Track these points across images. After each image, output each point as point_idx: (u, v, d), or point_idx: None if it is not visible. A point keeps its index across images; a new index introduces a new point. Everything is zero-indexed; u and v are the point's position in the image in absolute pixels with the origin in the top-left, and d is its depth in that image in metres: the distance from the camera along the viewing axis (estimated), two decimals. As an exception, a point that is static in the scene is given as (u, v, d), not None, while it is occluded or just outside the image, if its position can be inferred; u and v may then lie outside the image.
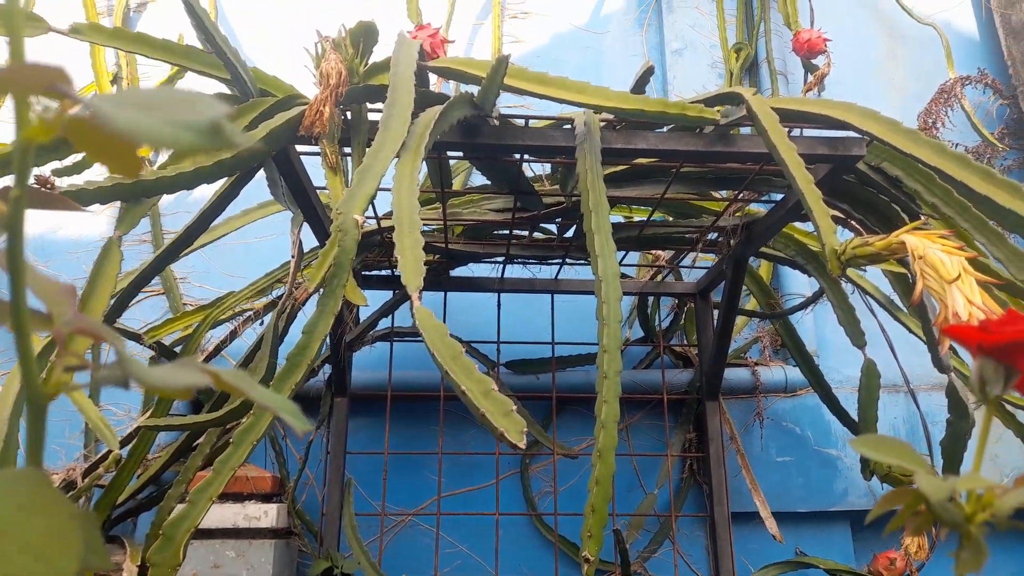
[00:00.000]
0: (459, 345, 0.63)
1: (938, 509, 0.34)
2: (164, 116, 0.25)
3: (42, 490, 0.24)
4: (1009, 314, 0.34)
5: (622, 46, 2.29)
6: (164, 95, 0.27)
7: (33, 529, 0.23)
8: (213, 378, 0.30)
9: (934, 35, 2.29)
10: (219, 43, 0.92)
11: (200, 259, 2.00)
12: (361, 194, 0.73)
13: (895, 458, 0.35)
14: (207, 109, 0.26)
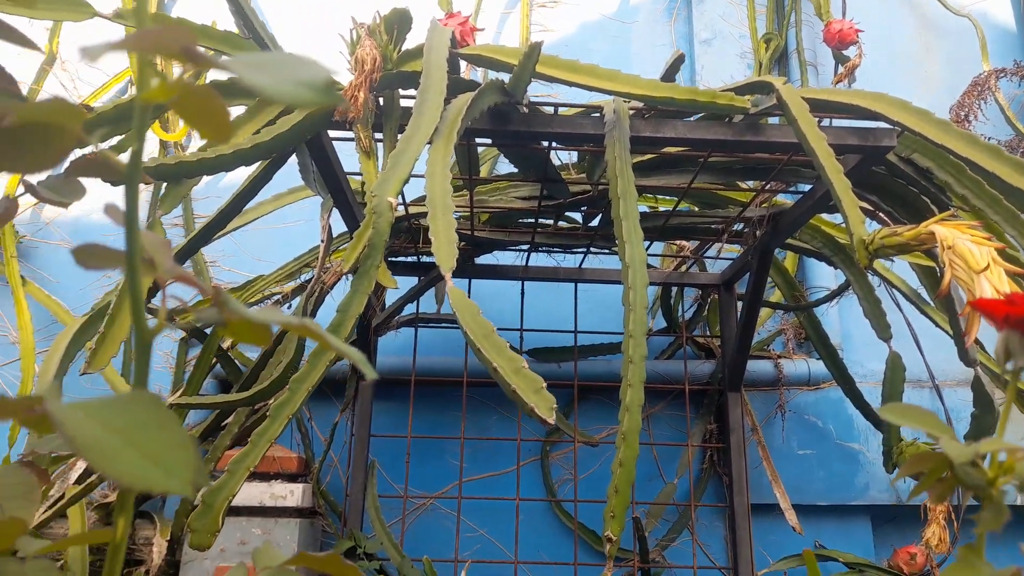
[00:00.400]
0: (491, 324, 0.64)
1: (961, 472, 0.35)
2: (287, 75, 0.27)
3: (160, 410, 0.27)
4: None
5: (650, 36, 2.28)
6: (275, 57, 0.29)
7: (153, 441, 0.25)
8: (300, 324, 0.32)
9: (969, 26, 2.25)
10: (257, 29, 0.94)
11: (230, 243, 2.03)
12: (395, 177, 0.74)
13: (921, 425, 0.36)
14: (319, 70, 0.28)
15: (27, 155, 0.30)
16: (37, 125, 0.29)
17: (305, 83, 0.27)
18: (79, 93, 2.11)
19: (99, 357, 0.82)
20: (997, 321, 0.36)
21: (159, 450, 0.25)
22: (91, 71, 2.14)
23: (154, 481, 0.24)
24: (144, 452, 0.25)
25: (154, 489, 0.24)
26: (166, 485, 0.24)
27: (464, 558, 1.76)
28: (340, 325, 0.79)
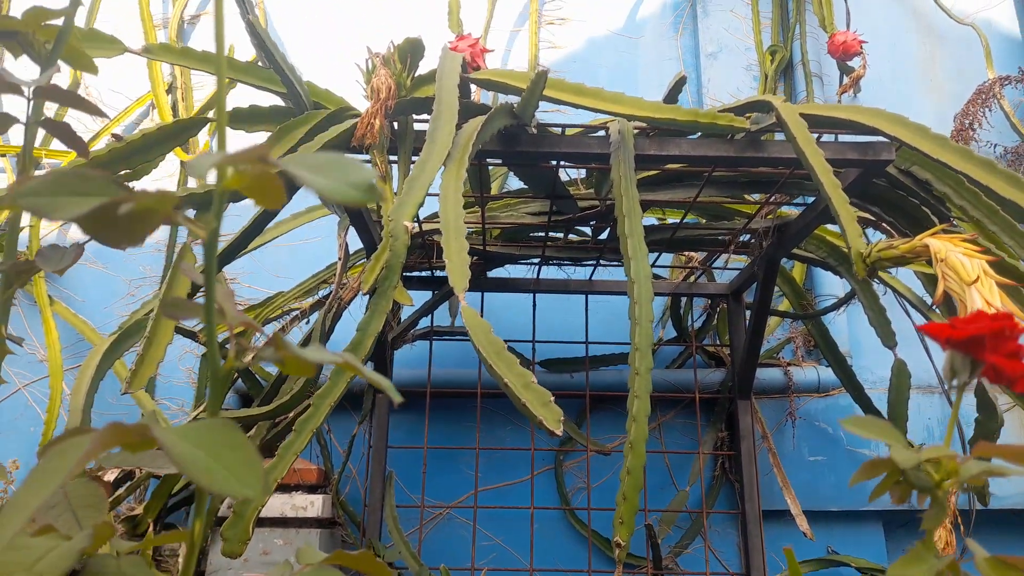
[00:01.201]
0: (502, 341, 0.68)
1: (912, 476, 0.38)
2: (335, 176, 0.32)
3: (235, 433, 0.32)
4: (976, 314, 0.38)
5: (657, 50, 2.32)
6: (327, 160, 0.34)
7: (232, 459, 0.30)
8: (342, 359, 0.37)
9: (974, 35, 2.28)
10: (278, 61, 0.99)
11: (249, 260, 2.09)
12: (410, 202, 0.79)
13: (878, 435, 0.40)
14: (363, 172, 0.33)
15: (128, 232, 0.35)
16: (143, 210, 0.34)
17: (352, 184, 0.32)
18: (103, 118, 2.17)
19: (139, 377, 0.87)
20: (940, 343, 0.40)
21: (236, 465, 0.30)
22: (114, 96, 2.20)
23: (234, 488, 0.29)
24: (225, 466, 0.29)
25: (235, 495, 0.29)
26: (243, 491, 0.30)
27: (480, 566, 1.79)
28: (360, 344, 0.84)
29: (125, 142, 1.04)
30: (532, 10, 2.24)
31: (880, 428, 0.41)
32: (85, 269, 2.10)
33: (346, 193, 0.33)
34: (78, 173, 0.35)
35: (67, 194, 0.33)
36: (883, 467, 0.40)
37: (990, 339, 0.38)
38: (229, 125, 1.16)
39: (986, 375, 0.40)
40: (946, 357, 0.40)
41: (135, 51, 0.96)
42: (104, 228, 0.34)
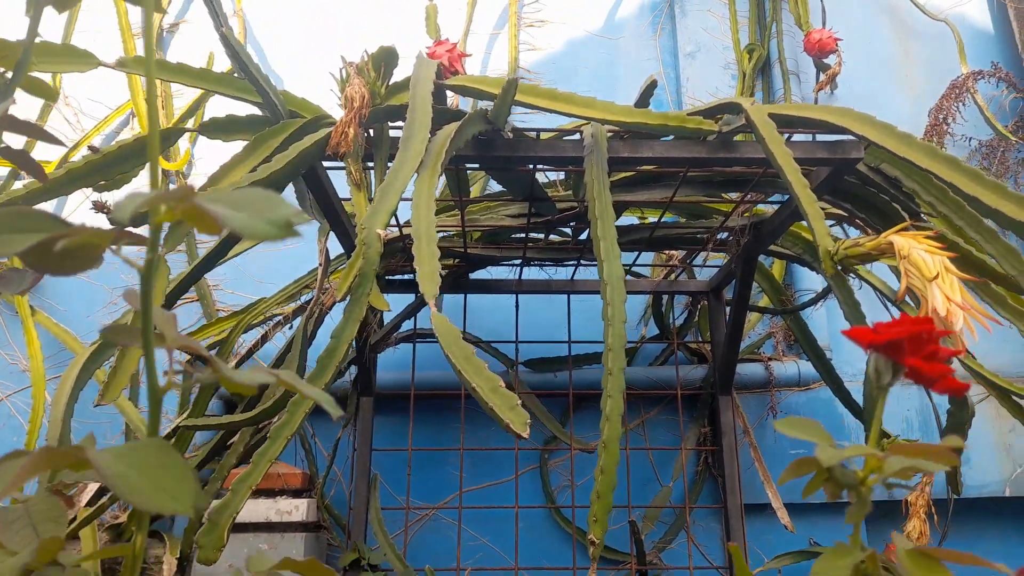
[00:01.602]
0: (471, 347, 0.69)
1: (837, 474, 0.40)
2: (254, 214, 0.33)
3: (171, 454, 0.33)
4: (901, 318, 0.40)
5: (636, 51, 2.34)
6: (248, 196, 0.35)
7: (165, 477, 0.31)
8: (276, 378, 0.38)
9: (948, 31, 2.31)
10: (251, 71, 1.00)
11: (232, 267, 2.09)
12: (383, 210, 0.80)
13: (806, 435, 0.42)
14: (282, 209, 0.34)
15: (69, 264, 0.36)
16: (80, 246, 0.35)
17: (268, 221, 0.34)
18: (82, 127, 2.17)
19: (111, 390, 0.88)
20: (863, 347, 0.41)
21: (168, 482, 0.31)
22: (94, 105, 2.20)
23: (164, 505, 0.31)
24: (156, 484, 0.31)
25: (164, 511, 0.31)
26: (173, 508, 0.31)
27: (466, 566, 1.80)
28: (334, 351, 0.85)
29: (102, 154, 1.05)
30: (511, 13, 2.25)
31: (808, 428, 0.43)
32: (67, 280, 2.09)
33: (264, 230, 0.34)
34: (17, 211, 0.36)
35: (7, 231, 0.35)
36: (810, 465, 0.42)
37: (908, 343, 0.39)
38: (207, 135, 1.17)
39: (908, 376, 0.41)
40: (870, 360, 0.42)
41: (109, 65, 0.97)
42: (44, 262, 0.36)
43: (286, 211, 0.35)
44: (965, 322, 0.75)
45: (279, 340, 1.81)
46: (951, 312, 0.74)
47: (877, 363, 0.42)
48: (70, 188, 1.02)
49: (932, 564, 0.41)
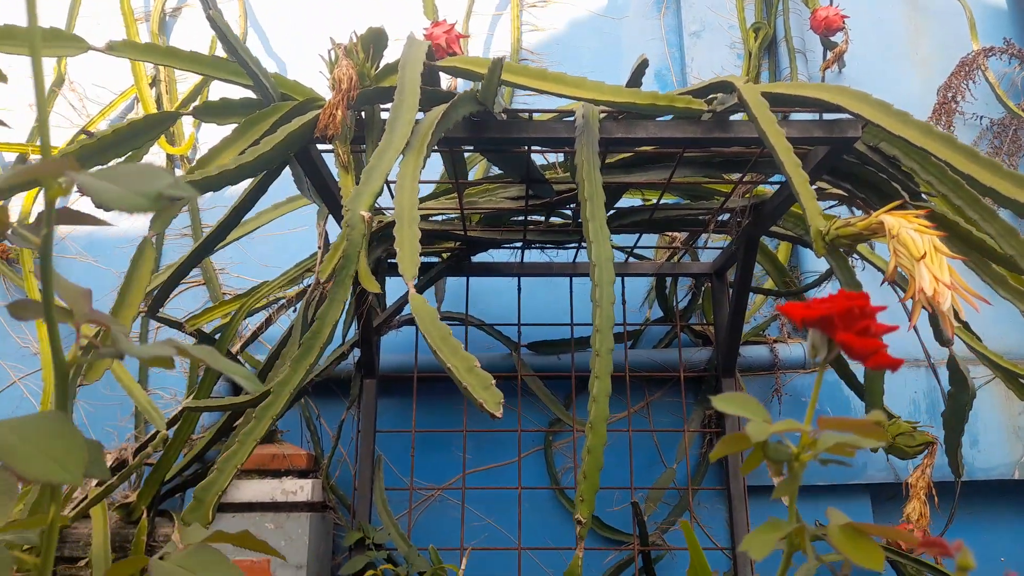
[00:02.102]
0: (447, 328, 0.70)
1: (771, 450, 0.40)
2: (128, 187, 0.34)
3: (64, 425, 0.34)
4: (839, 295, 0.40)
5: (640, 30, 2.31)
6: (128, 170, 0.36)
7: (56, 447, 0.32)
8: (180, 351, 0.38)
9: (959, 7, 2.26)
10: (240, 53, 1.00)
11: (238, 251, 2.11)
12: (367, 192, 0.80)
13: (741, 411, 0.41)
14: (156, 182, 0.35)
15: None
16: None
17: (139, 193, 0.34)
18: (87, 112, 2.18)
19: (94, 370, 0.89)
20: (796, 323, 0.41)
21: (58, 453, 0.32)
22: (99, 91, 2.21)
23: (55, 475, 0.32)
24: (49, 455, 0.32)
25: (55, 481, 0.32)
26: (63, 478, 0.32)
27: (471, 546, 1.82)
28: (318, 332, 0.85)
29: (96, 138, 1.06)
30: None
31: (741, 403, 0.43)
32: (76, 263, 2.12)
33: (132, 201, 0.34)
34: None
35: None
36: (741, 441, 0.42)
37: (840, 318, 0.39)
38: (201, 118, 1.17)
39: (843, 352, 0.41)
40: (809, 336, 0.42)
41: (99, 48, 0.97)
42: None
43: (159, 184, 0.35)
44: (953, 302, 0.74)
45: (284, 323, 1.82)
46: (938, 292, 0.73)
47: (814, 339, 0.41)
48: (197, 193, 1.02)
49: (862, 539, 0.41)
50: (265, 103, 1.09)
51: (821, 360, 0.42)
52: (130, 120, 1.08)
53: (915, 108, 2.12)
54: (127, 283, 0.93)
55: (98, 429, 2.01)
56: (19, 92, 2.24)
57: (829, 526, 0.42)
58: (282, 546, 1.63)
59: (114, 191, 0.34)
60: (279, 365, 1.53)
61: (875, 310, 0.40)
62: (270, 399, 0.88)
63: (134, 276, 0.93)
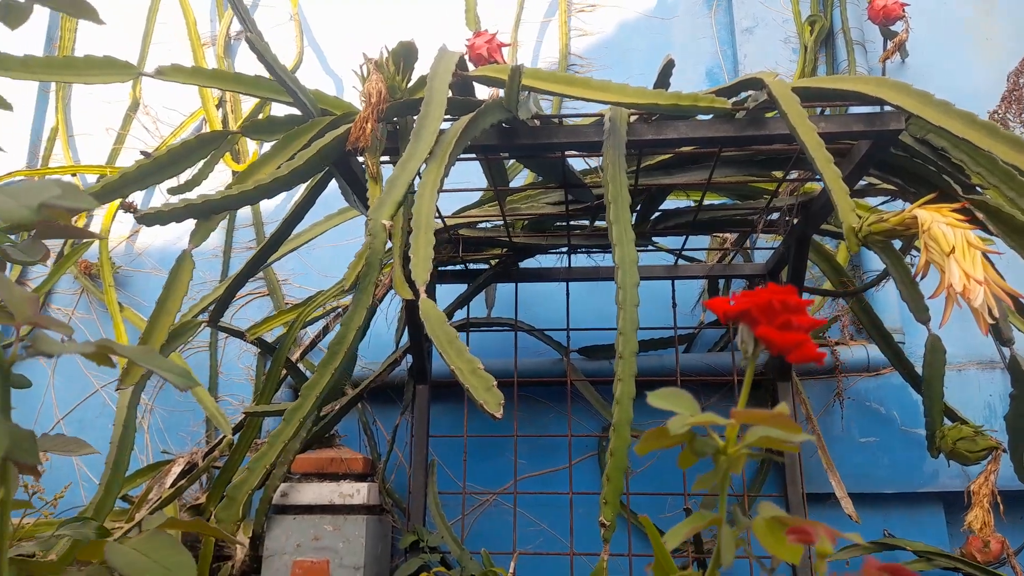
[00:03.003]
0: (454, 331, 0.71)
1: (696, 443, 0.39)
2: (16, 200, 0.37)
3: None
4: (767, 288, 0.38)
5: (691, 29, 2.28)
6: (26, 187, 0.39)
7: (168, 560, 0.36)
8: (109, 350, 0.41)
9: (1034, -14, 2.14)
10: (279, 73, 1.05)
11: (299, 262, 2.19)
12: (389, 200, 0.83)
13: (675, 406, 0.41)
14: (41, 195, 0.38)
15: None
16: None
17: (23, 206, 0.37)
18: (160, 134, 2.32)
19: (131, 375, 0.95)
20: (720, 317, 0.40)
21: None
22: (170, 113, 2.35)
23: None
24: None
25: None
26: None
27: (524, 551, 1.83)
28: (344, 337, 0.88)
29: (153, 158, 1.12)
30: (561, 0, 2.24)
31: (673, 399, 0.42)
32: (152, 277, 2.25)
33: (17, 214, 0.37)
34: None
35: None
36: (663, 436, 0.41)
37: (759, 312, 0.38)
38: (249, 136, 1.23)
39: (765, 346, 0.40)
40: (740, 329, 0.41)
41: (149, 74, 1.04)
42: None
43: (42, 197, 0.38)
44: (986, 297, 0.71)
45: (339, 331, 1.88)
46: (968, 288, 0.70)
47: (742, 333, 0.41)
48: (125, 191, 1.09)
49: (781, 530, 0.40)
50: (306, 119, 1.14)
51: (750, 354, 0.41)
52: (183, 141, 1.15)
53: (985, 96, 2.03)
54: (166, 292, 0.99)
55: (173, 434, 2.12)
56: (99, 116, 2.39)
57: (756, 518, 0.41)
58: (340, 547, 1.68)
59: (7, 204, 0.38)
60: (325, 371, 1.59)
61: (800, 304, 0.39)
62: (298, 402, 0.92)
63: (172, 285, 0.99)
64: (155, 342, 0.92)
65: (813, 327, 0.39)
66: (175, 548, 0.44)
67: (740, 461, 0.41)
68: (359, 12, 2.45)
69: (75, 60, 1.00)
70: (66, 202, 0.39)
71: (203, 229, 0.97)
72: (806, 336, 0.38)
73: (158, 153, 1.13)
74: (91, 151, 2.37)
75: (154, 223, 0.90)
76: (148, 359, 0.43)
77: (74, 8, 0.57)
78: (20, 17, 0.53)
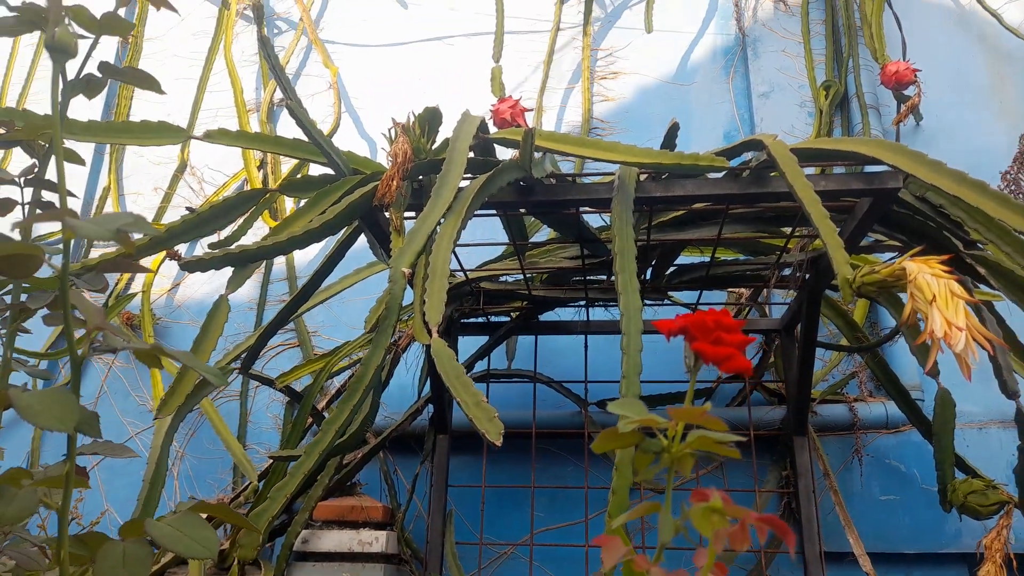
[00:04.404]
0: (461, 367, 0.77)
1: (644, 444, 0.43)
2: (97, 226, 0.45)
3: (68, 397, 0.44)
4: (706, 312, 0.43)
5: (709, 94, 2.38)
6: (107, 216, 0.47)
7: (57, 408, 0.42)
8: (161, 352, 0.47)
9: (1046, 53, 2.20)
10: (315, 136, 1.14)
11: (329, 315, 2.28)
12: (409, 251, 0.90)
13: (630, 412, 0.45)
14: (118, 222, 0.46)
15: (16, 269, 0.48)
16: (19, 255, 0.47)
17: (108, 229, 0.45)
18: (204, 193, 2.46)
19: (167, 406, 1.02)
20: (665, 335, 0.45)
21: (58, 412, 0.42)
22: (214, 174, 2.49)
23: (52, 424, 0.42)
24: (51, 413, 0.42)
25: (52, 428, 0.41)
26: (59, 427, 0.42)
27: (542, 604, 1.83)
28: (363, 376, 0.94)
29: (196, 214, 1.22)
30: (584, 68, 2.36)
31: (628, 405, 0.47)
32: (190, 328, 2.34)
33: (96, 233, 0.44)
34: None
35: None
36: (616, 437, 0.46)
37: (696, 329, 0.43)
38: (286, 194, 1.33)
39: (700, 358, 0.45)
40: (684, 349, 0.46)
41: (198, 137, 1.14)
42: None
43: (118, 224, 0.45)
44: (968, 344, 0.75)
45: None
46: (949, 335, 0.74)
47: (686, 349, 0.46)
48: (170, 244, 1.18)
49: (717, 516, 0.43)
50: (338, 178, 1.23)
51: (693, 367, 0.46)
52: (225, 198, 1.24)
53: (999, 158, 2.07)
54: (202, 334, 1.06)
55: (201, 481, 2.18)
56: (149, 177, 2.54)
57: (692, 508, 0.45)
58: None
59: (92, 228, 0.45)
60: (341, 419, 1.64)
61: (732, 324, 0.44)
62: (318, 437, 0.98)
63: (209, 327, 1.06)
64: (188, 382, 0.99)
65: (743, 344, 0.44)
66: (203, 526, 0.50)
67: (685, 460, 0.46)
68: (395, 80, 2.59)
69: (132, 125, 1.10)
70: (135, 228, 0.46)
71: (239, 277, 1.05)
72: (735, 351, 0.43)
73: (201, 209, 1.23)
74: (139, 208, 2.51)
75: (195, 270, 0.99)
76: (191, 361, 0.49)
77: (141, 81, 0.66)
78: (96, 89, 0.62)
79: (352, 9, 2.74)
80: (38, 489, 0.48)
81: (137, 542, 0.52)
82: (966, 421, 1.92)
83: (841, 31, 2.29)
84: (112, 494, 2.15)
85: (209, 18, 2.75)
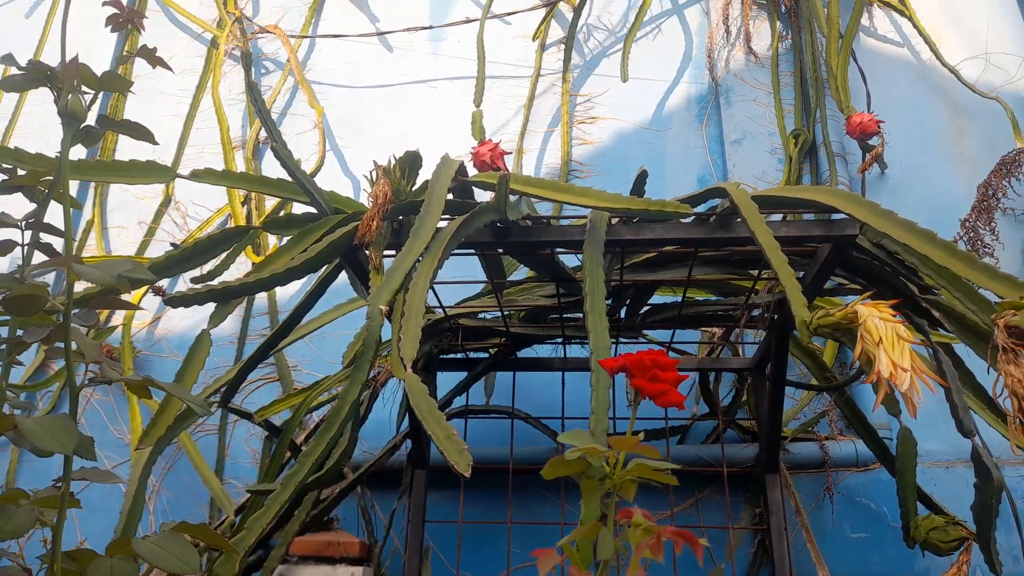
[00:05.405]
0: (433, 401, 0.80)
1: (591, 470, 0.47)
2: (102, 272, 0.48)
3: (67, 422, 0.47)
4: (645, 353, 0.48)
5: (683, 140, 2.46)
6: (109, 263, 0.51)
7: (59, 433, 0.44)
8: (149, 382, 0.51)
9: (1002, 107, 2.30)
10: (299, 176, 1.18)
11: (309, 349, 2.30)
12: (387, 289, 0.93)
13: (575, 441, 0.49)
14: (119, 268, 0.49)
15: (23, 308, 0.51)
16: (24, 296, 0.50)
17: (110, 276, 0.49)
18: (188, 228, 2.49)
19: (149, 436, 1.04)
20: (608, 372, 0.49)
21: (60, 436, 0.44)
22: (199, 209, 2.52)
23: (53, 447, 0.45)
24: (52, 437, 0.44)
25: (53, 451, 0.44)
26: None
27: (517, 642, 1.83)
28: (339, 410, 0.97)
29: (180, 250, 1.25)
30: (563, 112, 2.44)
31: (576, 436, 0.50)
32: (169, 361, 2.35)
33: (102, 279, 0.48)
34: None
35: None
36: (564, 464, 0.49)
37: (634, 367, 0.47)
38: (270, 231, 1.37)
39: (639, 393, 0.49)
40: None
41: (185, 176, 1.18)
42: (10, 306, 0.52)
43: (120, 270, 0.49)
44: (912, 384, 0.79)
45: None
46: (895, 375, 0.79)
47: (628, 384, 0.50)
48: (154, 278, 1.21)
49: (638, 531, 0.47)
50: (320, 217, 1.27)
51: (634, 401, 0.50)
52: (208, 234, 1.28)
53: (959, 206, 2.15)
54: (184, 367, 1.09)
55: (178, 515, 2.17)
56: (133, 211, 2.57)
57: (631, 528, 0.48)
58: (333, 632, 1.70)
59: (96, 274, 0.48)
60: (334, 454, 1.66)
61: (668, 363, 0.48)
62: (294, 469, 1.00)
63: (190, 361, 1.09)
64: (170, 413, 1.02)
65: (676, 381, 0.49)
66: (186, 546, 0.52)
67: (627, 486, 0.49)
68: (379, 120, 2.66)
69: (120, 164, 1.14)
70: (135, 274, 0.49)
71: (222, 312, 1.08)
72: (670, 387, 0.47)
73: (185, 245, 1.26)
74: (123, 243, 2.54)
75: (179, 305, 1.02)
76: (179, 392, 0.53)
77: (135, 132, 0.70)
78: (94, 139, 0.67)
79: (338, 51, 2.81)
80: (34, 508, 0.51)
81: (124, 559, 0.54)
82: (933, 460, 1.97)
83: (809, 83, 2.39)
84: (88, 529, 2.13)
85: (197, 57, 2.82)
